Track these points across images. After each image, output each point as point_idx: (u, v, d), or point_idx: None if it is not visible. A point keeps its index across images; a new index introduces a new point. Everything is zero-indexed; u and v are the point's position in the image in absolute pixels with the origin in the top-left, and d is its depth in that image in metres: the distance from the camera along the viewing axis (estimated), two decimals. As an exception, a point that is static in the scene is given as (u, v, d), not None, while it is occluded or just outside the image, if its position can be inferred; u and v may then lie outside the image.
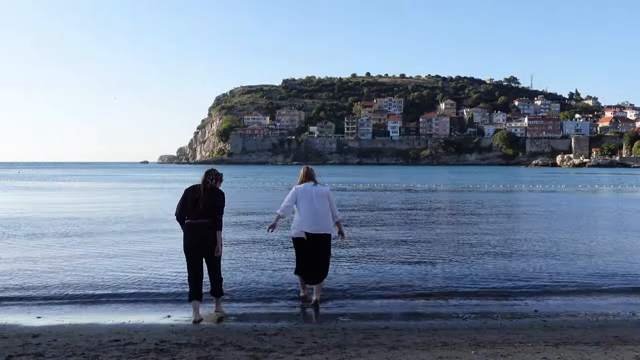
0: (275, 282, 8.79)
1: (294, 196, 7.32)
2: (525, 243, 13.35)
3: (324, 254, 7.41)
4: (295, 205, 7.37)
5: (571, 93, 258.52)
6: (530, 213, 21.93)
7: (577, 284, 8.89)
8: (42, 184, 49.58)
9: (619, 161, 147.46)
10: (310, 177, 7.47)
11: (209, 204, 6.50)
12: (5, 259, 10.81)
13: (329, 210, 7.38)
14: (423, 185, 45.13)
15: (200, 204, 6.48)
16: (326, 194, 7.43)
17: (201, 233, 6.49)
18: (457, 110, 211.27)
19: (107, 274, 9.43)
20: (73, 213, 20.91)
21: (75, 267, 9.97)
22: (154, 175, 76.71)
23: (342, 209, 22.26)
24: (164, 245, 12.74)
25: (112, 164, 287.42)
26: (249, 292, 8.18)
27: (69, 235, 14.34)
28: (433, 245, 12.81)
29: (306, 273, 7.51)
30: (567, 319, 6.90)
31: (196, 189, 6.63)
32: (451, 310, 7.34)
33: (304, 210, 7.27)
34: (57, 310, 7.27)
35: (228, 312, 7.11)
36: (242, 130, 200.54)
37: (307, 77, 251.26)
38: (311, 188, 7.35)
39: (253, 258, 10.96)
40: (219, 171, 6.83)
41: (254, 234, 14.63)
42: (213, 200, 6.54)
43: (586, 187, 43.06)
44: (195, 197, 6.55)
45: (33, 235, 14.32)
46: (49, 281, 8.83)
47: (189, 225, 6.54)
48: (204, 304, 6.90)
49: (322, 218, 7.29)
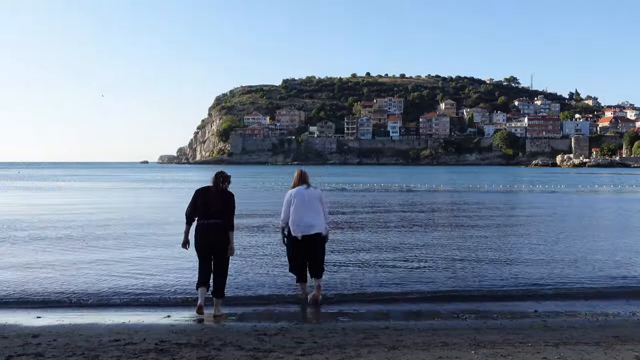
0: (275, 282, 8.80)
1: (289, 203, 7.56)
2: (525, 244, 13.34)
3: (320, 252, 7.64)
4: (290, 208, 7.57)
5: (571, 93, 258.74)
6: (530, 213, 21.92)
7: (577, 285, 8.90)
8: (42, 184, 49.59)
9: (619, 161, 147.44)
10: (304, 180, 7.68)
11: (220, 206, 6.71)
12: (6, 259, 10.81)
13: (321, 211, 7.61)
14: (423, 185, 45.13)
15: (212, 206, 6.69)
16: (318, 197, 7.65)
17: (213, 233, 6.69)
18: (457, 110, 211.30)
19: (107, 274, 9.43)
20: (73, 214, 20.93)
21: (76, 268, 9.97)
22: (154, 176, 76.72)
23: (342, 209, 22.35)
24: (163, 245, 12.75)
25: (112, 164, 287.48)
26: (249, 292, 8.18)
27: (69, 236, 14.33)
28: (433, 246, 12.80)
29: (300, 273, 7.69)
30: (567, 319, 6.90)
31: (207, 191, 6.81)
32: (451, 310, 7.34)
33: (297, 212, 7.46)
34: (57, 310, 7.27)
35: (228, 312, 7.11)
36: (242, 130, 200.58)
37: (307, 77, 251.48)
38: (304, 191, 7.56)
39: (253, 258, 10.96)
40: (227, 173, 6.99)
41: (254, 235, 14.63)
42: (224, 201, 6.75)
43: (586, 187, 43.07)
44: (207, 198, 6.74)
45: (33, 236, 14.31)
46: (49, 281, 8.83)
47: (201, 225, 6.76)
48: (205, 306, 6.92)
49: (315, 219, 7.49)
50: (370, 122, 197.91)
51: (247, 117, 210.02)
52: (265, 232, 15.10)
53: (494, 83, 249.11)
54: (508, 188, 41.69)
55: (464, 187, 42.42)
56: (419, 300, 7.87)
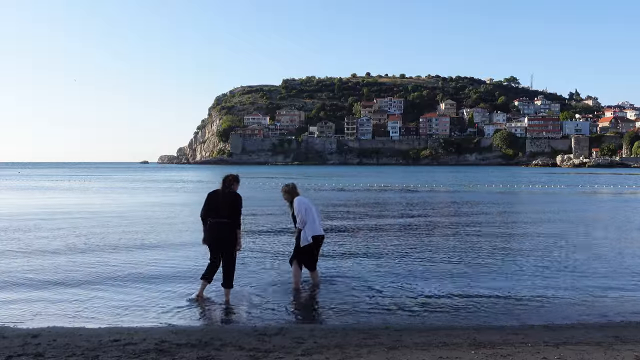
0: (275, 283, 8.80)
1: (306, 212, 8.30)
2: (525, 243, 13.35)
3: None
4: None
5: (571, 93, 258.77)
6: (530, 214, 21.93)
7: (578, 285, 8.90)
8: (42, 185, 49.56)
9: (619, 161, 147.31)
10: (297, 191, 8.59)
11: (228, 207, 7.47)
12: (6, 259, 10.81)
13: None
14: (423, 185, 45.13)
15: (220, 207, 7.47)
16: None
17: (222, 231, 7.47)
18: (457, 110, 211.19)
19: (107, 274, 9.43)
20: (73, 214, 20.93)
21: (76, 268, 9.98)
22: (154, 176, 76.70)
23: (342, 210, 22.38)
24: (162, 246, 12.77)
25: (112, 164, 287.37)
26: (249, 292, 8.18)
27: (69, 236, 14.33)
28: (433, 246, 12.81)
29: (309, 263, 8.60)
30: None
31: (215, 194, 7.61)
32: (451, 310, 7.33)
33: (313, 217, 8.40)
34: (57, 310, 7.26)
35: (228, 313, 7.13)
36: (242, 130, 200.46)
37: (307, 77, 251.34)
38: (305, 199, 8.51)
39: (253, 258, 10.96)
40: (235, 175, 7.76)
41: (253, 235, 14.63)
42: (230, 203, 7.50)
43: (586, 188, 43.06)
44: (216, 201, 7.53)
45: (34, 236, 14.32)
46: (50, 281, 8.84)
47: (212, 224, 7.52)
48: (206, 307, 6.94)
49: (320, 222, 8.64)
50: (370, 122, 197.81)
51: (247, 117, 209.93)
52: (263, 235, 15.10)
53: (494, 83, 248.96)
54: (508, 188, 41.67)
55: (464, 188, 42.40)
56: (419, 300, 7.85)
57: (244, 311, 7.24)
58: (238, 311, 7.25)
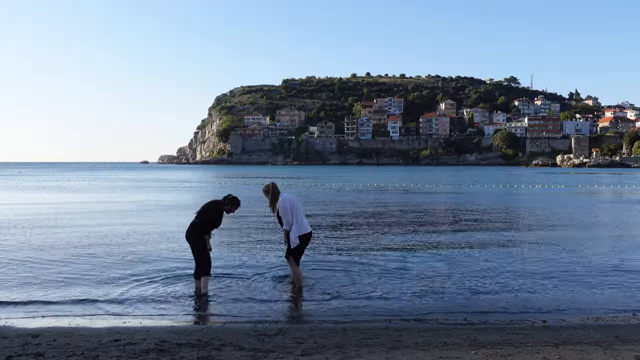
0: (275, 282, 8.80)
1: (291, 211, 8.23)
2: (525, 244, 13.36)
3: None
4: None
5: (571, 93, 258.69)
6: (530, 214, 21.92)
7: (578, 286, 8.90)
8: (42, 184, 49.55)
9: (619, 161, 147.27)
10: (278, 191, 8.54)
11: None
12: (6, 260, 10.81)
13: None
14: (423, 185, 45.13)
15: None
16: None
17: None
18: (457, 110, 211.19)
19: (107, 274, 9.43)
20: (73, 214, 20.93)
21: (76, 267, 9.98)
22: (154, 176, 76.68)
23: (342, 209, 22.36)
24: (162, 246, 12.76)
25: (112, 164, 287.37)
26: (249, 292, 8.18)
27: (69, 236, 14.33)
28: (433, 246, 12.81)
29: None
30: (567, 319, 6.89)
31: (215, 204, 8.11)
32: (451, 310, 7.33)
33: (299, 216, 8.32)
34: (57, 310, 7.26)
35: (228, 313, 7.12)
36: (242, 130, 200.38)
37: (307, 77, 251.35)
38: (289, 195, 8.47)
39: (253, 259, 10.96)
40: (233, 197, 8.16)
41: (253, 235, 14.64)
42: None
43: (586, 188, 43.06)
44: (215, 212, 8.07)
45: (34, 236, 14.32)
46: (50, 281, 8.84)
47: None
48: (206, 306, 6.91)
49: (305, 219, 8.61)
50: (370, 122, 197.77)
51: (247, 117, 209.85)
52: (264, 235, 15.10)
53: (494, 83, 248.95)
54: (508, 188, 41.67)
55: (464, 188, 42.40)
56: (419, 300, 7.86)
57: (244, 311, 7.24)
58: (238, 311, 7.24)
